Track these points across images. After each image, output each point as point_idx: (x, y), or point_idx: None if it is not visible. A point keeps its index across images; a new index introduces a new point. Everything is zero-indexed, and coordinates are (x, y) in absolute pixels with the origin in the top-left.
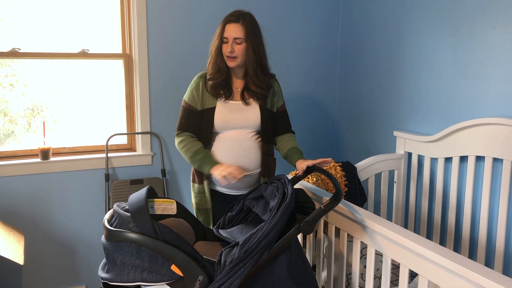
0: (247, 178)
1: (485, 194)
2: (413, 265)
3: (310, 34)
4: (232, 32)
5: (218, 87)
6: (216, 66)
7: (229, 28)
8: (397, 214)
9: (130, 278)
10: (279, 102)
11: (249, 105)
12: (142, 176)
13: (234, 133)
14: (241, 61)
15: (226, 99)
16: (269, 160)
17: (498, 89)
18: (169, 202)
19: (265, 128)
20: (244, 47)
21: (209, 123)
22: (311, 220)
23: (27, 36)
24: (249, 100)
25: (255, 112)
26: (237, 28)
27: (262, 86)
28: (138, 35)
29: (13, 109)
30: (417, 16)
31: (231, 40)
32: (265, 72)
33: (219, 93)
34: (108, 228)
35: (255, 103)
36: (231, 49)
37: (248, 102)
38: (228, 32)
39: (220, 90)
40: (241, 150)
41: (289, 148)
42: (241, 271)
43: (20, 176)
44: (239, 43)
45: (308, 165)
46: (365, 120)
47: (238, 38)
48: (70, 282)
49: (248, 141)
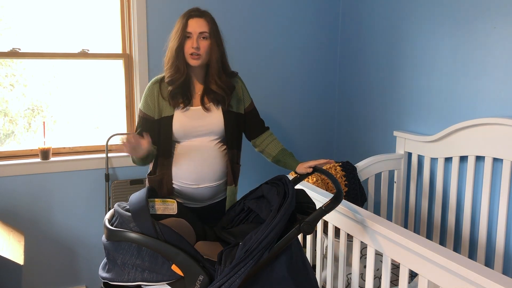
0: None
1: (485, 194)
2: (413, 265)
3: (310, 34)
4: (197, 27)
5: (176, 95)
6: (175, 67)
7: (193, 22)
8: (397, 214)
9: (131, 278)
10: (246, 101)
11: (209, 111)
12: (142, 176)
13: (196, 141)
14: (205, 59)
15: (184, 106)
16: (234, 168)
17: (498, 89)
18: (170, 202)
19: (230, 133)
20: (209, 43)
21: (168, 133)
22: (311, 221)
23: (27, 36)
24: (209, 105)
25: (217, 117)
26: (201, 22)
27: (223, 87)
28: (138, 35)
29: (13, 109)
30: (417, 16)
31: (196, 35)
32: (226, 72)
33: (177, 102)
34: (109, 227)
35: (215, 108)
36: (196, 45)
37: (208, 108)
38: (192, 27)
39: (179, 99)
40: (203, 160)
41: (278, 151)
42: (241, 271)
43: (20, 176)
44: (205, 37)
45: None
46: (365, 120)
47: (204, 33)
48: (70, 282)
49: (211, 150)
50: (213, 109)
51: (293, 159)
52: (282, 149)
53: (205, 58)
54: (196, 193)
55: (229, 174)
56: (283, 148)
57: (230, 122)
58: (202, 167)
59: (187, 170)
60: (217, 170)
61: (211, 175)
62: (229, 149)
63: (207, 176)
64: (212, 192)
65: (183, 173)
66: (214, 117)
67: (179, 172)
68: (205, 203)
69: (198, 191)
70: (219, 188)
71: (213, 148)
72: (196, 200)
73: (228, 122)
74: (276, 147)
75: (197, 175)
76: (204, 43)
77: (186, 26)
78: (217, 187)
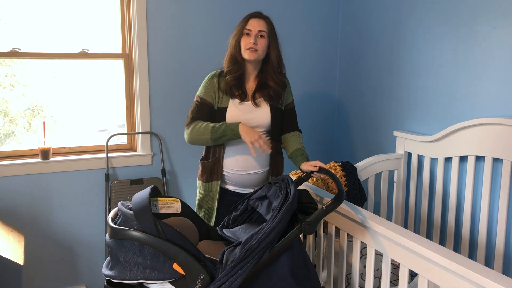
0: (256, 176)
1: (485, 194)
2: (413, 265)
3: (310, 34)
4: (257, 26)
5: (233, 87)
6: (233, 59)
7: (253, 22)
8: (397, 214)
9: (133, 276)
10: (288, 99)
11: (259, 106)
12: (142, 176)
13: None
14: (260, 55)
15: (241, 101)
16: (277, 158)
17: (498, 89)
18: (173, 201)
19: (275, 126)
20: (266, 41)
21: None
22: (312, 221)
23: (27, 36)
24: (259, 101)
25: (265, 112)
26: (261, 22)
27: (280, 83)
28: (138, 35)
29: (13, 109)
30: (417, 16)
31: (255, 33)
32: (281, 71)
33: (233, 93)
34: (111, 226)
35: (265, 104)
36: (254, 40)
37: (257, 103)
38: (252, 25)
39: (235, 91)
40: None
41: (295, 149)
42: (242, 270)
43: (20, 176)
44: (263, 36)
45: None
46: (365, 120)
47: (262, 31)
48: (70, 282)
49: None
50: (263, 104)
51: (303, 158)
52: (299, 149)
53: (261, 55)
54: (245, 179)
55: (272, 164)
56: (301, 148)
57: (276, 118)
58: (249, 155)
59: (235, 158)
60: (263, 157)
61: (257, 162)
62: (273, 140)
63: (254, 163)
64: (259, 179)
65: (232, 161)
66: (263, 112)
67: (229, 160)
68: (247, 189)
69: (246, 177)
70: (265, 175)
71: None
72: (245, 186)
73: (274, 117)
74: (296, 145)
75: (245, 162)
76: (261, 41)
77: (247, 24)
78: (263, 174)
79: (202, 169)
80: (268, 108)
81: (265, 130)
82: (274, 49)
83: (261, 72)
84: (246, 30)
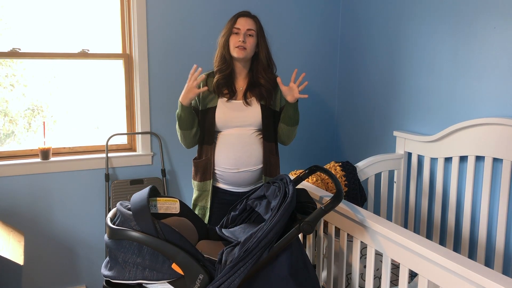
0: (248, 174)
1: (485, 194)
2: (413, 265)
3: (310, 33)
4: (245, 25)
5: (221, 85)
6: (223, 58)
7: (242, 21)
8: (397, 214)
9: (132, 276)
10: (282, 101)
11: (250, 106)
12: (142, 176)
13: (236, 130)
14: (249, 53)
15: (229, 99)
16: (271, 158)
17: (497, 89)
18: (172, 201)
19: (266, 126)
20: (254, 40)
21: (211, 122)
22: (311, 220)
23: (27, 36)
24: (251, 100)
25: (256, 111)
26: (250, 21)
27: (270, 81)
28: (138, 35)
29: (13, 109)
30: (418, 16)
31: (244, 31)
32: (271, 70)
33: (222, 92)
34: (110, 226)
35: (256, 103)
36: (243, 39)
37: (249, 102)
38: (240, 24)
39: (223, 89)
40: (242, 146)
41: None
42: (241, 270)
43: (20, 176)
44: (251, 35)
45: (290, 86)
46: (365, 120)
47: (251, 30)
48: (70, 282)
49: (248, 138)
50: (254, 104)
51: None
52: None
53: (250, 53)
54: (237, 177)
55: (265, 163)
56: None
57: (266, 116)
58: (240, 153)
59: (226, 156)
60: (254, 155)
61: (249, 159)
62: (265, 140)
63: (245, 161)
64: (252, 177)
65: (223, 159)
66: (253, 111)
67: (220, 159)
68: (248, 187)
69: (238, 176)
70: (259, 174)
71: (250, 135)
72: (238, 184)
73: (265, 116)
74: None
75: (236, 160)
76: (250, 40)
77: (235, 23)
78: (256, 172)
79: (196, 169)
80: (259, 108)
81: (257, 130)
82: (263, 48)
83: (251, 71)
84: (235, 29)
